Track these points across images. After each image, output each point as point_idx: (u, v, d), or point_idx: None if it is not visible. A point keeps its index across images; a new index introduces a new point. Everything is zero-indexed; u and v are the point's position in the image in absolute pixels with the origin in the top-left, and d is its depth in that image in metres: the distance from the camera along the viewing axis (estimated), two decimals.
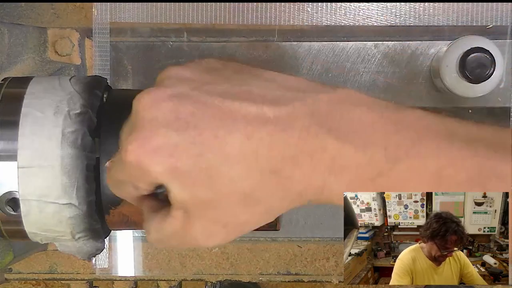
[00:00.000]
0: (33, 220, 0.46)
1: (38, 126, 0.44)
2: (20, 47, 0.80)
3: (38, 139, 0.44)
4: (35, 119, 0.44)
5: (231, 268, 0.87)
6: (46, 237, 0.49)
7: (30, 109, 0.45)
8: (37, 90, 0.46)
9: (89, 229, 0.47)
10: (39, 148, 0.44)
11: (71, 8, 0.84)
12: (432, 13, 0.81)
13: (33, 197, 0.44)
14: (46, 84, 0.46)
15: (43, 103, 0.45)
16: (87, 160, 0.45)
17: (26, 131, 0.44)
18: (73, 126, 0.44)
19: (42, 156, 0.44)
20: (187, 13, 0.81)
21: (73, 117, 0.44)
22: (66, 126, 0.44)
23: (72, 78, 0.48)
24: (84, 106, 0.45)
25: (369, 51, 0.83)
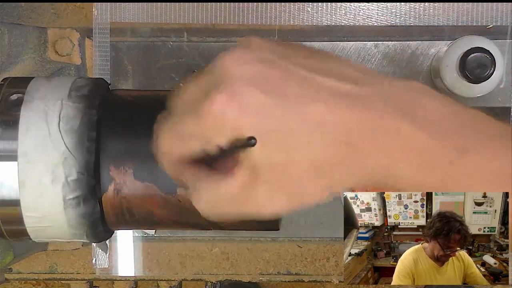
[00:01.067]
0: None
1: (38, 194, 0.46)
2: (20, 47, 0.80)
3: (41, 206, 0.46)
4: (35, 187, 0.46)
5: (231, 268, 0.87)
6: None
7: (26, 178, 0.45)
8: (29, 147, 0.46)
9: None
10: (45, 213, 0.46)
11: (71, 8, 0.84)
12: (432, 13, 0.81)
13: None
14: (36, 140, 0.45)
15: (38, 168, 0.45)
16: (92, 218, 0.47)
17: (27, 200, 0.46)
18: (73, 193, 0.45)
19: (48, 220, 0.47)
20: (187, 13, 0.81)
21: (72, 184, 0.45)
22: (67, 194, 0.45)
23: (60, 120, 0.46)
24: (80, 173, 0.45)
25: (369, 51, 0.83)
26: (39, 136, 0.45)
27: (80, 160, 0.45)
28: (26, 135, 0.45)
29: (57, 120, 0.45)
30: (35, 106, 0.46)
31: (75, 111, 0.45)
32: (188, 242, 0.87)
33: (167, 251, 0.87)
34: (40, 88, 0.47)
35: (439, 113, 0.36)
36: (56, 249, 0.87)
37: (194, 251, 0.87)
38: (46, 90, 0.47)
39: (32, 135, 0.45)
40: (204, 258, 0.87)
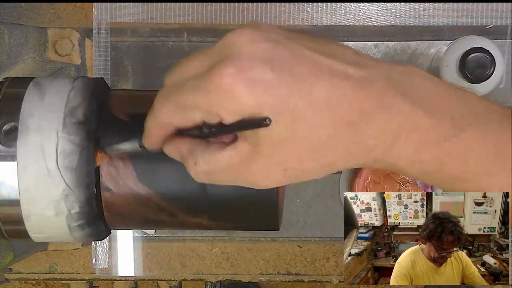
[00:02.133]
0: None
1: (44, 224, 0.47)
2: (20, 47, 0.80)
3: (47, 231, 0.48)
4: (40, 219, 0.47)
5: (231, 268, 0.87)
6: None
7: (31, 213, 0.46)
8: (29, 184, 0.46)
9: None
10: (51, 234, 0.48)
11: (71, 8, 0.84)
12: (432, 13, 0.81)
13: None
14: (36, 178, 0.46)
15: (41, 204, 0.46)
16: (98, 236, 0.49)
17: (33, 227, 0.47)
18: (77, 221, 0.47)
19: (54, 238, 0.49)
20: (187, 13, 0.81)
21: (75, 215, 0.46)
22: (71, 222, 0.47)
23: (58, 157, 0.45)
24: (82, 207, 0.46)
25: (369, 51, 0.83)
26: (38, 174, 0.45)
27: (80, 196, 0.46)
28: (25, 171, 0.45)
29: (55, 156, 0.45)
30: (31, 141, 0.45)
31: (72, 147, 0.45)
32: (188, 242, 0.87)
33: (167, 251, 0.87)
34: (34, 112, 0.46)
35: (435, 93, 0.37)
36: (56, 249, 0.87)
37: (194, 251, 0.87)
38: (40, 115, 0.46)
39: (31, 173, 0.45)
40: (204, 258, 0.87)
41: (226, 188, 0.45)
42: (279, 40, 0.37)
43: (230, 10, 0.81)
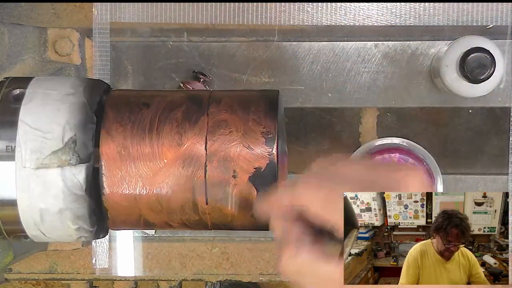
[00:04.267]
0: None
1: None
2: (20, 47, 0.80)
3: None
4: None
5: (231, 268, 0.87)
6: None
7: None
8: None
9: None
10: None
11: (71, 8, 0.84)
12: (432, 13, 0.81)
13: None
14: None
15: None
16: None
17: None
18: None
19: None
20: (187, 13, 0.81)
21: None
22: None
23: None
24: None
25: (369, 51, 0.83)
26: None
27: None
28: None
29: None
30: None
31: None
32: (188, 242, 0.87)
33: (167, 251, 0.87)
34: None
35: None
36: (56, 249, 0.87)
37: (194, 251, 0.87)
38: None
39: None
40: (204, 258, 0.87)
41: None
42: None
43: (230, 10, 0.81)
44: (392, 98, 0.84)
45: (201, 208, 0.49)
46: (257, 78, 0.84)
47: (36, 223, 0.47)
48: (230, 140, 0.49)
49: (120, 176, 0.49)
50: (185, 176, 0.48)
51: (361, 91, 0.83)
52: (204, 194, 0.48)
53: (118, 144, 0.49)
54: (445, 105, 0.84)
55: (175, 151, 0.49)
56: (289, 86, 0.83)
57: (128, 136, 0.49)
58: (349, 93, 0.83)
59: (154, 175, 0.48)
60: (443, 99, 0.83)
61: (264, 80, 0.84)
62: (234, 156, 0.48)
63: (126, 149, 0.49)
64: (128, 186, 0.49)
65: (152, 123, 0.49)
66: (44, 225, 0.47)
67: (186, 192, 0.48)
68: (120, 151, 0.49)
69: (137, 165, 0.49)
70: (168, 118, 0.50)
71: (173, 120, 0.50)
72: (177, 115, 0.50)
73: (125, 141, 0.49)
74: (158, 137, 0.49)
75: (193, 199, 0.48)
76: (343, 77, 0.83)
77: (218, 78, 0.84)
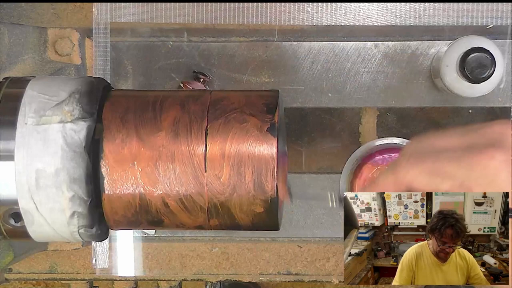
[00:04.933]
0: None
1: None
2: (20, 47, 0.80)
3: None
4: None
5: (232, 268, 0.87)
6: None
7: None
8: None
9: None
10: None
11: (71, 8, 0.84)
12: (432, 13, 0.81)
13: None
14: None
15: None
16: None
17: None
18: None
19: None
20: (187, 13, 0.81)
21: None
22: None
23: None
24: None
25: (369, 51, 0.83)
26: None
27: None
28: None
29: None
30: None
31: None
32: (188, 242, 0.87)
33: (167, 251, 0.87)
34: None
35: None
36: (56, 249, 0.87)
37: (194, 251, 0.87)
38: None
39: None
40: (204, 258, 0.87)
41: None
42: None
43: (230, 10, 0.81)
44: (392, 98, 0.84)
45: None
46: (257, 78, 0.84)
47: (30, 188, 0.46)
48: (231, 109, 0.49)
49: (121, 140, 0.49)
50: (185, 141, 0.48)
51: (361, 91, 0.83)
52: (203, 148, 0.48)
53: (121, 111, 0.50)
54: (445, 105, 0.84)
55: (175, 113, 0.49)
56: (289, 86, 0.83)
57: (131, 105, 0.50)
58: (349, 93, 0.83)
59: (154, 138, 0.48)
60: (443, 99, 0.83)
61: (264, 80, 0.84)
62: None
63: (128, 114, 0.49)
64: (129, 149, 0.48)
65: (156, 98, 0.51)
66: (38, 192, 0.46)
67: (185, 159, 0.49)
68: (122, 116, 0.49)
69: (138, 129, 0.49)
70: (171, 96, 0.51)
71: (176, 97, 0.51)
72: (180, 94, 0.52)
73: (128, 108, 0.50)
74: (161, 107, 0.50)
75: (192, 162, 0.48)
76: (343, 77, 0.83)
77: (218, 78, 0.84)
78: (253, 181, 0.48)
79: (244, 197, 0.48)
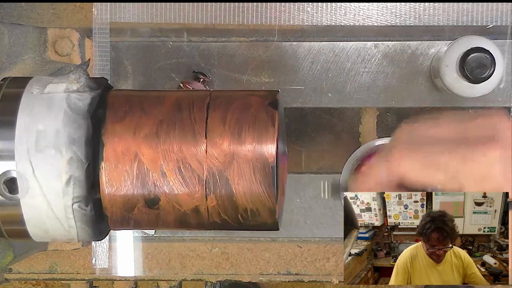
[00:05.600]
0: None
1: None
2: (20, 47, 0.80)
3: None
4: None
5: (231, 268, 0.87)
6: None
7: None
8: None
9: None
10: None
11: (71, 8, 0.84)
12: (432, 13, 0.81)
13: None
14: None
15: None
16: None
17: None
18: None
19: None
20: (187, 13, 0.81)
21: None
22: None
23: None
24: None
25: (369, 51, 0.83)
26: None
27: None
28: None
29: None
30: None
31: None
32: (188, 242, 0.87)
33: (167, 251, 0.87)
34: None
35: None
36: (56, 249, 0.87)
37: (194, 251, 0.87)
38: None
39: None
40: (204, 258, 0.87)
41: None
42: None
43: (230, 10, 0.81)
44: (392, 98, 0.83)
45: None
46: (257, 78, 0.84)
47: (29, 149, 0.46)
48: (233, 98, 0.51)
49: (124, 111, 0.49)
50: (187, 112, 0.49)
51: (361, 91, 0.83)
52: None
53: (125, 93, 0.52)
54: (445, 105, 0.84)
55: (178, 95, 0.52)
56: (289, 86, 0.83)
57: (135, 92, 0.53)
58: (349, 93, 0.83)
59: (157, 110, 0.49)
60: (443, 99, 0.83)
61: (264, 80, 0.84)
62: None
63: (133, 95, 0.52)
64: (131, 118, 0.49)
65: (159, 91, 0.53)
66: (37, 155, 0.46)
67: (186, 126, 0.49)
68: (126, 95, 0.51)
69: (142, 104, 0.50)
70: (173, 91, 0.54)
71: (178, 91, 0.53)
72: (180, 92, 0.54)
73: (132, 93, 0.53)
74: (164, 94, 0.52)
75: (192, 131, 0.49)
76: (343, 77, 0.83)
77: (218, 78, 0.84)
78: (253, 148, 0.48)
79: (243, 165, 0.48)
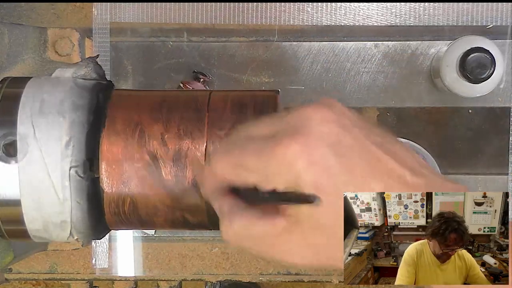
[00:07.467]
0: None
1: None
2: (20, 47, 0.80)
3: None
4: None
5: (231, 268, 0.87)
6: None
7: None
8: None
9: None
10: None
11: (71, 8, 0.84)
12: (432, 13, 0.81)
13: None
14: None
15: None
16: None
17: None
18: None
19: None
20: (187, 13, 0.81)
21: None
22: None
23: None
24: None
25: (369, 51, 0.83)
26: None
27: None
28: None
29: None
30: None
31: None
32: (188, 242, 0.87)
33: (167, 251, 0.87)
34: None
35: None
36: (56, 249, 0.87)
37: (194, 251, 0.87)
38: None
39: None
40: (204, 258, 0.87)
41: None
42: (348, 127, 0.38)
43: (230, 10, 0.81)
44: (392, 98, 0.84)
45: None
46: (257, 78, 0.84)
47: (32, 114, 0.46)
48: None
49: (129, 93, 0.53)
50: (190, 94, 0.51)
51: (361, 91, 0.83)
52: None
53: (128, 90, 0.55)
54: (445, 105, 0.84)
55: (177, 93, 0.53)
56: (289, 86, 0.83)
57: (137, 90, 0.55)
58: (349, 93, 0.83)
59: (160, 92, 0.52)
60: (443, 99, 0.83)
61: (264, 80, 0.84)
62: None
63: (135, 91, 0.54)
64: (135, 97, 0.52)
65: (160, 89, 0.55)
66: (39, 117, 0.46)
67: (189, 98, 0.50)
68: (131, 90, 0.55)
69: (144, 97, 0.52)
70: (173, 90, 0.55)
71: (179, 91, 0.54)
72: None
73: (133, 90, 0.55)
74: (164, 90, 0.56)
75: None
76: (343, 77, 0.83)
77: (218, 78, 0.84)
78: (255, 118, 0.48)
79: None
